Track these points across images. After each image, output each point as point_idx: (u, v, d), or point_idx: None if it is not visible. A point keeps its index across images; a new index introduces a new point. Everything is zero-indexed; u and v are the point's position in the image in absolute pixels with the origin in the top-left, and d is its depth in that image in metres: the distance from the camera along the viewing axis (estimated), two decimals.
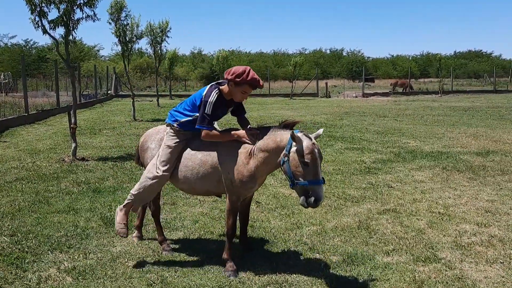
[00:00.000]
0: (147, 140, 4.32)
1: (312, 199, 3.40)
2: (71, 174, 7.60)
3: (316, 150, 3.43)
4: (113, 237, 4.77)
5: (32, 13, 8.33)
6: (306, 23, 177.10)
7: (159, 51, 22.66)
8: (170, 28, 22.29)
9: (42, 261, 4.14)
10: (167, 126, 4.13)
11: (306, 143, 3.44)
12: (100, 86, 31.35)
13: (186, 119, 3.95)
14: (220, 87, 3.84)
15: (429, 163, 8.21)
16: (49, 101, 19.91)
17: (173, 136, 4.03)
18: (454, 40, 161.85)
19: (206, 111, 3.74)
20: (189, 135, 4.03)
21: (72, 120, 9.06)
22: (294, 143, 3.46)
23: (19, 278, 3.82)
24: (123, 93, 33.45)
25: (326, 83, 34.91)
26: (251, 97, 33.40)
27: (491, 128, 13.31)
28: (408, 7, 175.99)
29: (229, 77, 3.69)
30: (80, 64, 29.65)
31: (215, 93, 3.76)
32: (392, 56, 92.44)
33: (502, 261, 4.00)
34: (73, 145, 8.85)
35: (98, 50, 64.34)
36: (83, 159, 8.84)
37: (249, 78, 3.64)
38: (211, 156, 3.87)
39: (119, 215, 4.19)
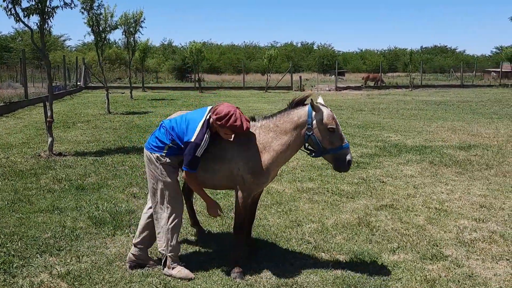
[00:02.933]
0: None
1: (346, 162, 3.50)
2: (49, 170, 7.23)
3: (334, 115, 3.54)
4: (104, 238, 4.52)
5: (4, 0, 7.83)
6: (276, 16, 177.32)
7: (132, 42, 22.07)
8: (144, 19, 21.74)
9: (32, 266, 3.87)
10: (156, 160, 3.65)
11: (325, 110, 3.51)
12: (69, 77, 30.31)
13: (175, 146, 3.65)
14: (211, 118, 3.58)
15: (415, 157, 8.25)
16: (16, 93, 19.03)
17: (167, 169, 3.67)
18: (420, 35, 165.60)
19: (196, 154, 3.48)
20: (180, 159, 3.69)
21: (48, 113, 8.63)
22: (314, 114, 3.49)
23: (9, 285, 3.54)
24: (92, 85, 32.50)
25: (300, 77, 34.98)
26: (225, 89, 33.19)
27: (466, 122, 13.58)
28: (375, 2, 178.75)
29: (213, 116, 3.53)
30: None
31: (207, 136, 3.51)
32: (361, 50, 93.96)
33: (508, 258, 3.99)
34: (49, 139, 8.43)
35: (65, 40, 62.37)
36: (60, 154, 8.44)
37: (228, 124, 3.46)
38: (222, 151, 3.68)
39: (175, 271, 3.71)
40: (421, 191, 6.11)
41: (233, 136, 3.62)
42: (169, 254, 3.73)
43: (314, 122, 3.51)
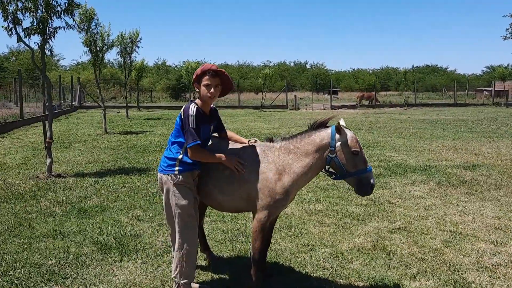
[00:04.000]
0: None
1: (370, 185, 3.42)
2: (49, 192, 7.03)
3: (357, 138, 3.49)
4: (111, 264, 4.33)
5: (5, 20, 7.73)
6: (269, 35, 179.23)
7: (129, 62, 22.03)
8: (141, 39, 21.79)
9: None
10: (170, 178, 3.54)
11: (349, 133, 3.45)
12: (63, 97, 30.14)
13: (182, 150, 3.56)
14: (195, 101, 3.59)
15: (421, 177, 8.14)
16: (11, 113, 18.82)
17: (181, 190, 3.54)
18: (411, 54, 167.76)
19: (190, 125, 3.41)
20: (194, 176, 3.62)
21: (48, 134, 8.45)
22: (338, 137, 3.42)
23: None
24: (87, 104, 32.34)
25: (295, 96, 35.04)
26: (221, 109, 33.13)
27: (466, 141, 13.55)
28: (366, 22, 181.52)
29: (193, 82, 3.60)
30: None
31: (193, 107, 3.48)
32: (354, 69, 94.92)
33: None
34: (48, 160, 8.24)
35: (59, 60, 62.38)
36: (59, 175, 8.24)
37: (199, 69, 3.54)
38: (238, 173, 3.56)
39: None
40: (433, 212, 5.98)
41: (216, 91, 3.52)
42: (182, 282, 3.57)
43: (338, 144, 3.43)
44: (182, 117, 3.47)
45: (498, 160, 9.96)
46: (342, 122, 3.55)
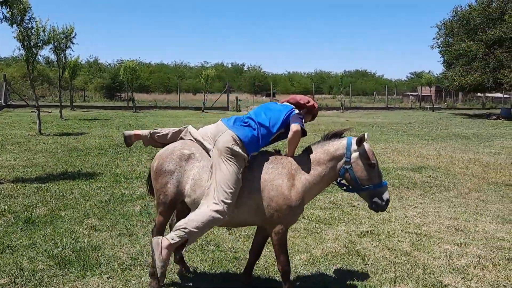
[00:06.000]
0: (163, 163, 3.58)
1: (384, 201, 3.35)
2: None
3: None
4: (74, 281, 3.94)
5: None
6: (207, 36, 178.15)
7: (63, 59, 20.77)
8: (76, 34, 20.58)
9: None
10: (234, 141, 3.36)
11: (366, 145, 3.35)
12: None
13: (264, 135, 3.51)
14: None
15: None
16: None
17: (237, 155, 3.34)
18: (342, 59, 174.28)
19: (304, 120, 3.58)
20: (246, 159, 3.46)
21: None
22: (355, 148, 3.31)
23: None
24: (14, 103, 30.15)
25: (237, 97, 34.98)
26: (161, 109, 32.28)
27: (406, 143, 14.15)
28: (301, 27, 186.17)
29: (308, 104, 3.77)
30: None
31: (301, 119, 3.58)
32: (289, 72, 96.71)
33: (505, 285, 4.00)
34: None
35: None
36: None
37: (316, 108, 3.85)
38: (248, 182, 3.35)
39: (163, 252, 3.24)
40: (395, 215, 6.11)
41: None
42: (183, 235, 3.27)
43: (354, 155, 3.33)
44: (294, 110, 3.63)
45: (439, 162, 10.47)
46: (366, 136, 3.44)
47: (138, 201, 6.54)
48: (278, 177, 3.35)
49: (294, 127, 3.38)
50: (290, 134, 3.41)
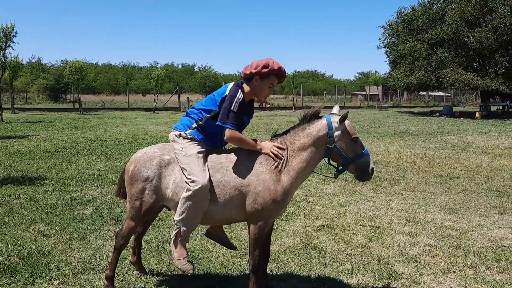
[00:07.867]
0: (141, 168, 3.43)
1: (370, 170, 3.38)
2: None
3: None
4: None
5: None
6: (156, 36, 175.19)
7: (3, 59, 19.73)
8: (16, 33, 19.65)
9: None
10: (178, 136, 3.44)
11: (346, 121, 3.32)
12: None
13: (204, 117, 3.41)
14: (243, 87, 3.41)
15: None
16: None
17: (191, 143, 3.38)
18: (293, 60, 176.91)
19: (232, 107, 3.24)
20: (204, 147, 3.42)
21: None
22: (337, 126, 3.28)
23: None
24: None
25: (188, 98, 34.57)
26: (109, 111, 31.37)
27: None
28: (252, 26, 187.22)
29: (253, 70, 3.36)
30: None
31: (240, 92, 3.31)
32: (240, 72, 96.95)
33: (454, 271, 4.17)
34: None
35: None
36: None
37: (276, 67, 3.37)
38: (232, 177, 3.28)
39: (175, 251, 3.36)
40: (349, 209, 6.23)
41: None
42: (177, 226, 3.33)
43: (337, 133, 3.31)
44: (227, 94, 3.34)
45: (388, 157, 10.83)
46: (336, 109, 3.49)
47: (88, 204, 6.30)
48: (263, 171, 3.29)
49: (225, 134, 3.32)
50: (228, 142, 3.39)
